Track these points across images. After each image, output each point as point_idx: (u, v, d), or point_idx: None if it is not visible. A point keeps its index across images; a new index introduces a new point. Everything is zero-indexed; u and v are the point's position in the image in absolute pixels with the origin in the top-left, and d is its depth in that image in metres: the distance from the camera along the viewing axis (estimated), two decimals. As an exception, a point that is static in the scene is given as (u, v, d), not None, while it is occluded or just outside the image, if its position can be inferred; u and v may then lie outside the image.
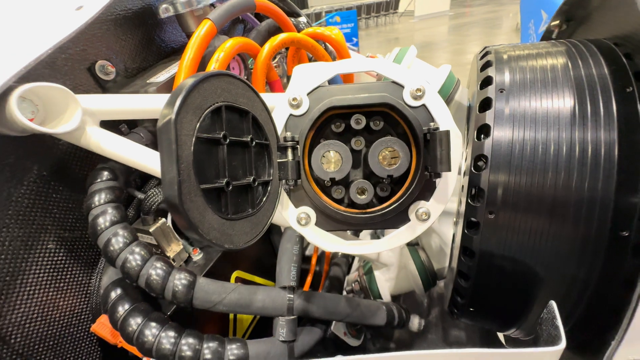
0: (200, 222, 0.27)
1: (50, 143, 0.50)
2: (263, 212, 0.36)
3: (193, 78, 0.27)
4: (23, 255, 0.47)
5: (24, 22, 0.45)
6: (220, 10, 0.59)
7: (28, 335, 0.47)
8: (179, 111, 0.25)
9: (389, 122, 0.42)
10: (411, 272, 0.64)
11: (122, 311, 0.44)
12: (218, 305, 0.46)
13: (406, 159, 0.40)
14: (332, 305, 0.52)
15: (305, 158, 0.41)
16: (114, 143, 0.47)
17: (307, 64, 0.42)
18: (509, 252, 0.44)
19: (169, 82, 0.55)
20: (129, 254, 0.44)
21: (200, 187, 0.27)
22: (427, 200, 0.41)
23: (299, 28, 0.83)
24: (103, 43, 0.54)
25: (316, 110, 0.40)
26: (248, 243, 0.33)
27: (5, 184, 0.44)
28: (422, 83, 0.39)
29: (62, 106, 0.44)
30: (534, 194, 0.41)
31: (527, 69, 0.48)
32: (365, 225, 0.42)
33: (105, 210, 0.45)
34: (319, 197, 0.41)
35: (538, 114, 0.43)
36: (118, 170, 0.50)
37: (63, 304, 0.52)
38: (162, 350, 0.42)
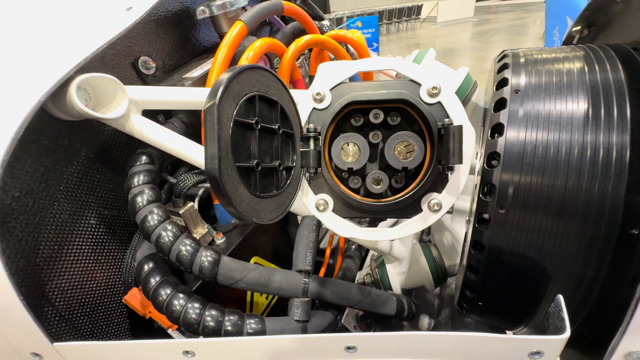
0: (233, 195, 0.31)
1: (97, 129, 0.55)
2: (286, 195, 0.40)
3: (232, 70, 0.31)
4: (69, 228, 0.53)
5: (82, 20, 0.51)
6: (251, 12, 0.64)
7: (69, 300, 0.53)
8: (222, 96, 0.29)
9: (406, 117, 0.45)
10: (422, 267, 0.66)
11: (154, 282, 0.49)
12: (239, 283, 0.50)
13: (421, 152, 0.42)
14: (344, 291, 0.54)
15: (326, 149, 0.44)
16: (153, 130, 0.52)
17: (330, 62, 0.46)
18: (518, 247, 0.45)
19: (202, 78, 0.60)
20: (162, 231, 0.48)
21: (235, 165, 0.31)
22: (439, 192, 0.43)
23: (322, 31, 0.87)
24: (146, 41, 0.59)
25: (337, 104, 0.43)
26: (272, 220, 0.37)
27: (58, 162, 0.50)
28: (438, 81, 0.42)
29: (110, 95, 0.49)
30: (544, 192, 0.43)
31: (543, 72, 0.50)
32: (379, 213, 0.44)
33: (143, 190, 0.50)
34: (337, 185, 0.44)
35: (551, 116, 0.45)
36: (154, 156, 0.55)
37: (99, 275, 0.57)
38: (188, 319, 0.47)
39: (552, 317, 0.41)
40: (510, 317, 0.54)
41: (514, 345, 0.38)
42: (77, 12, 0.54)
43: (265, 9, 0.65)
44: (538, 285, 0.46)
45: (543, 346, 0.37)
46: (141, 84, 0.60)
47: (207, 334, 0.47)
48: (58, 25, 0.51)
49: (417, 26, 19.12)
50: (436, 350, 0.40)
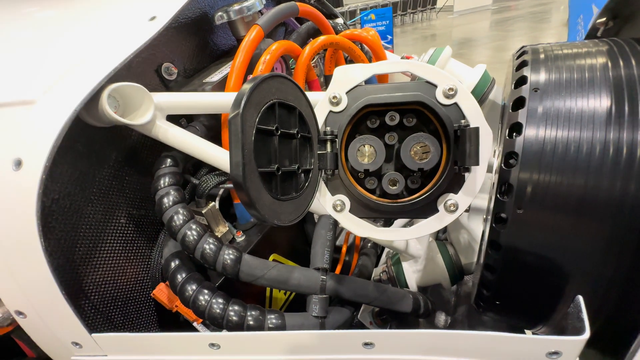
0: (257, 199, 0.32)
1: (125, 134, 0.59)
2: (304, 197, 0.41)
3: (253, 80, 0.33)
4: (102, 227, 0.56)
5: (109, 31, 0.54)
6: (267, 16, 0.65)
7: (103, 294, 0.57)
8: (245, 106, 0.31)
9: (421, 119, 0.45)
10: (438, 266, 0.66)
11: (181, 278, 0.52)
12: (260, 280, 0.52)
13: (437, 153, 0.43)
14: (361, 288, 0.56)
15: (342, 151, 0.45)
16: (177, 135, 0.54)
17: (347, 65, 0.47)
18: (536, 247, 0.45)
19: (222, 82, 0.62)
20: (187, 230, 0.51)
21: (257, 170, 0.33)
22: (456, 193, 0.43)
23: (336, 30, 0.87)
24: (168, 47, 0.62)
25: (354, 107, 0.44)
26: (292, 221, 0.38)
27: (92, 166, 0.54)
28: (454, 83, 0.42)
29: (137, 102, 0.52)
30: (564, 191, 0.43)
31: (564, 68, 0.49)
32: (395, 214, 0.45)
33: (169, 192, 0.53)
34: (353, 186, 0.46)
35: (572, 114, 0.44)
36: (178, 158, 0.57)
37: (130, 271, 0.61)
38: (213, 314, 0.49)
39: (571, 317, 0.41)
40: (528, 316, 0.54)
41: (532, 345, 0.38)
42: (105, 24, 0.56)
43: (281, 12, 0.66)
44: (556, 285, 0.46)
45: (562, 347, 0.37)
46: (164, 89, 0.63)
47: (231, 328, 0.49)
48: (87, 37, 0.54)
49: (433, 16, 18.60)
50: (454, 349, 0.41)
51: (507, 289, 0.51)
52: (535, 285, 0.48)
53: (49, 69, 0.48)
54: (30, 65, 0.50)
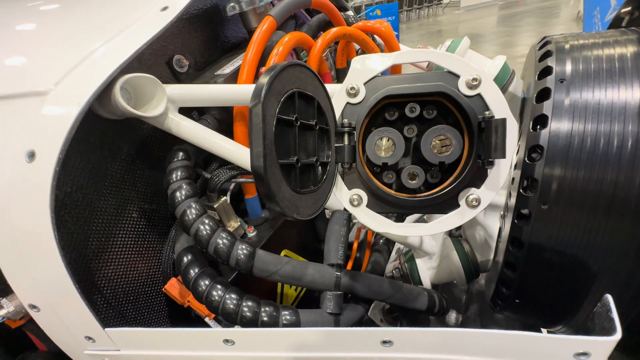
0: (277, 191, 0.31)
1: (137, 126, 0.58)
2: (322, 190, 0.40)
3: (274, 68, 0.32)
4: (114, 221, 0.56)
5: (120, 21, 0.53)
6: (280, 7, 0.63)
7: (115, 288, 0.56)
8: (266, 95, 0.30)
9: (442, 111, 0.44)
10: (454, 263, 0.65)
11: (193, 273, 0.51)
12: (274, 275, 0.51)
13: (459, 146, 0.41)
14: (376, 285, 0.55)
15: (360, 143, 0.44)
16: (189, 128, 0.53)
17: (364, 55, 0.45)
18: (561, 245, 0.44)
19: (234, 74, 0.61)
20: (200, 224, 0.50)
21: (278, 162, 0.32)
22: (478, 188, 0.42)
23: (348, 22, 0.85)
24: (179, 39, 0.61)
25: (373, 98, 0.43)
26: (311, 215, 0.37)
27: (104, 159, 0.53)
28: (478, 72, 0.40)
29: (149, 94, 0.51)
30: (592, 187, 0.41)
31: (592, 58, 0.47)
32: (414, 209, 0.44)
33: (181, 186, 0.52)
34: (371, 180, 0.44)
35: (602, 106, 0.42)
36: (190, 152, 0.57)
37: (141, 265, 0.61)
38: (226, 310, 0.49)
39: (598, 317, 0.40)
40: (548, 315, 0.52)
41: (559, 345, 0.37)
42: (116, 14, 0.56)
43: (293, 3, 0.64)
44: (581, 284, 0.45)
45: (591, 347, 0.36)
46: (175, 82, 0.62)
47: (245, 324, 0.48)
48: (99, 28, 0.53)
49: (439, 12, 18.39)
50: (477, 347, 0.40)
51: (528, 287, 0.49)
52: (558, 283, 0.47)
53: (61, 60, 0.47)
54: (42, 56, 0.49)
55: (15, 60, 0.49)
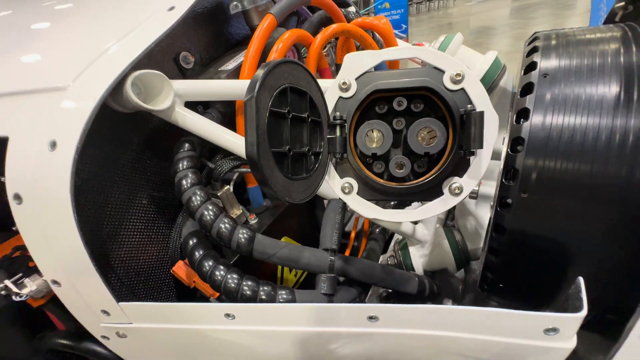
0: (270, 176, 0.35)
1: (146, 119, 0.62)
2: (314, 178, 0.44)
3: (267, 65, 0.35)
4: (126, 207, 0.60)
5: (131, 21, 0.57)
6: (280, 5, 0.66)
7: (128, 269, 0.61)
8: (259, 89, 0.33)
9: (429, 104, 0.46)
10: (445, 251, 0.68)
11: (198, 255, 0.56)
12: (272, 258, 0.55)
13: (443, 138, 0.44)
14: (368, 269, 0.58)
15: (351, 135, 0.47)
16: (194, 120, 0.57)
17: (357, 52, 0.48)
18: (540, 231, 0.46)
19: (236, 70, 0.64)
20: (204, 210, 0.54)
21: (270, 150, 0.35)
22: (461, 177, 0.45)
23: (348, 18, 0.88)
24: (185, 37, 0.65)
25: (363, 92, 0.46)
26: (302, 200, 0.41)
27: (116, 149, 0.57)
28: (462, 68, 0.43)
29: (158, 89, 0.55)
30: (569, 176, 0.43)
31: (575, 54, 0.49)
32: (401, 196, 0.47)
33: (187, 174, 0.56)
34: (361, 169, 0.47)
35: (580, 100, 0.44)
36: (196, 143, 0.61)
37: (150, 249, 0.65)
38: (228, 288, 0.53)
39: (571, 297, 0.42)
40: (531, 299, 0.55)
41: (530, 321, 0.40)
42: (127, 13, 0.59)
43: (294, 1, 0.67)
44: (560, 269, 0.47)
45: (559, 323, 0.39)
46: (181, 77, 0.66)
47: (245, 301, 0.53)
48: (111, 27, 0.57)
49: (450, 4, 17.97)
50: (455, 324, 0.43)
51: (510, 271, 0.52)
52: (539, 268, 0.50)
53: (77, 58, 0.51)
54: (59, 54, 0.54)
55: (36, 58, 0.54)
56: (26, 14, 0.68)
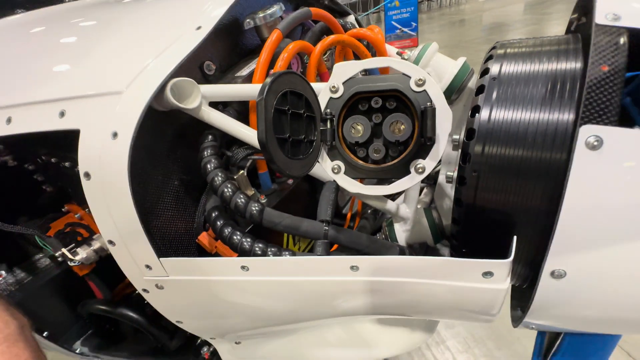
0: (275, 156, 0.49)
1: (178, 116, 0.76)
2: (309, 159, 0.57)
3: (272, 75, 0.49)
4: (162, 186, 0.75)
5: (169, 39, 0.72)
6: (285, 21, 0.80)
7: (163, 237, 0.76)
8: (267, 93, 0.47)
9: (399, 102, 0.59)
10: (424, 227, 0.80)
11: (220, 224, 0.70)
12: (278, 226, 0.69)
13: (409, 129, 0.57)
14: (356, 237, 0.71)
15: (339, 127, 0.61)
16: (216, 117, 0.72)
17: (344, 62, 0.61)
18: (487, 203, 0.59)
19: (249, 76, 0.79)
20: (225, 188, 0.69)
21: (275, 136, 0.49)
22: (424, 159, 0.58)
23: (346, 28, 1.01)
24: (208, 49, 0.79)
25: (347, 93, 0.59)
26: (299, 175, 0.55)
27: (155, 139, 0.72)
28: (424, 75, 0.56)
29: (189, 92, 0.69)
30: (508, 159, 0.55)
31: (520, 62, 0.61)
32: (378, 174, 0.60)
33: (211, 160, 0.71)
34: (347, 154, 0.61)
35: (518, 98, 0.56)
36: (217, 135, 0.75)
37: (180, 222, 0.80)
38: (244, 248, 0.67)
39: None
40: None
41: (471, 267, 0.52)
42: (164, 32, 0.74)
43: (297, 17, 0.81)
44: (503, 233, 0.59)
45: (492, 267, 0.51)
46: (205, 82, 0.80)
47: (256, 259, 0.67)
48: (153, 43, 0.72)
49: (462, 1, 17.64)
50: (415, 271, 0.56)
51: (469, 238, 0.65)
52: (489, 234, 0.62)
53: (129, 70, 0.66)
54: (115, 67, 0.69)
55: (99, 69, 0.69)
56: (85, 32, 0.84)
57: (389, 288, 0.60)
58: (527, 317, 0.58)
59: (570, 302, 0.52)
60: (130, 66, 0.67)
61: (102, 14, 1.03)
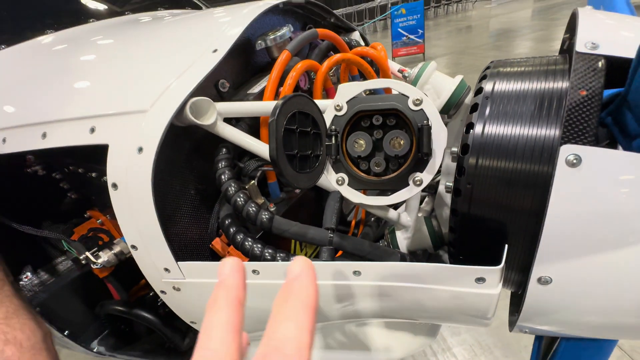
0: (284, 170, 0.54)
1: (194, 130, 0.83)
2: (315, 172, 0.63)
3: (283, 99, 0.55)
4: (180, 195, 0.82)
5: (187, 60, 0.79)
6: (294, 42, 0.87)
7: (181, 241, 0.82)
8: (278, 115, 0.53)
9: (398, 120, 0.64)
10: (424, 234, 0.84)
11: (233, 230, 0.76)
12: (286, 233, 0.74)
13: (407, 144, 0.62)
14: (359, 244, 0.76)
15: (343, 142, 0.66)
16: (230, 131, 0.78)
17: (348, 83, 0.67)
18: (481, 213, 0.63)
19: (261, 93, 0.85)
20: (237, 197, 0.74)
21: (284, 153, 0.55)
22: (421, 172, 0.62)
23: (350, 45, 1.07)
24: (223, 67, 0.86)
25: (350, 112, 0.64)
26: (306, 187, 0.60)
27: (174, 152, 0.79)
28: (420, 95, 0.61)
29: (205, 109, 0.76)
30: (499, 172, 0.60)
31: (511, 81, 0.65)
32: (378, 186, 0.65)
33: (225, 171, 0.77)
34: (350, 167, 0.66)
35: (508, 116, 0.61)
36: (230, 148, 0.81)
37: (196, 228, 0.86)
38: (254, 254, 0.73)
39: None
40: None
41: (464, 273, 0.56)
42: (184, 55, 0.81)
43: (304, 38, 0.87)
44: (496, 240, 0.63)
45: (484, 274, 0.55)
46: (219, 98, 0.87)
47: (266, 264, 0.72)
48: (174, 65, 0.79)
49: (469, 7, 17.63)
50: (414, 276, 0.60)
51: (465, 245, 0.69)
52: (483, 241, 0.66)
53: (152, 89, 0.73)
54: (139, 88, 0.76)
55: (125, 90, 0.76)
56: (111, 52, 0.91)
57: (389, 292, 0.64)
58: (519, 320, 0.62)
59: (558, 306, 0.56)
60: (154, 86, 0.74)
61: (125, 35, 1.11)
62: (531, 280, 0.54)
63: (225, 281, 0.32)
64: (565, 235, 0.51)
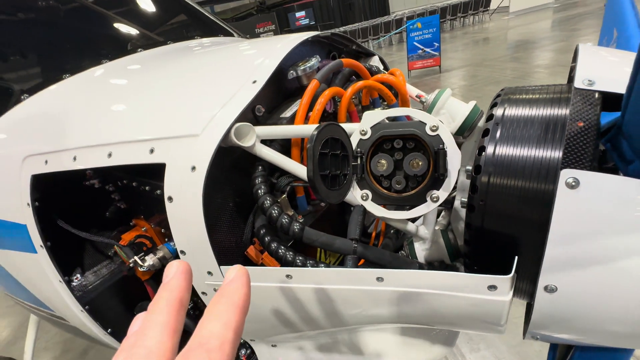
0: (319, 189, 0.64)
1: (234, 150, 0.95)
2: (344, 189, 0.72)
3: (318, 127, 0.65)
4: (221, 207, 0.92)
5: (230, 90, 0.91)
6: (321, 72, 0.98)
7: (221, 248, 0.92)
8: (315, 142, 0.63)
9: (417, 143, 0.73)
10: (441, 246, 0.91)
11: (268, 239, 0.86)
12: (315, 242, 0.83)
13: (425, 165, 0.71)
14: (380, 254, 0.84)
15: (368, 163, 0.75)
16: (267, 152, 0.89)
17: (372, 110, 0.76)
18: (493, 228, 0.70)
19: (292, 117, 0.96)
20: (272, 210, 0.84)
21: (319, 173, 0.64)
22: (438, 190, 0.70)
23: (371, 71, 1.17)
24: (259, 94, 0.97)
25: (374, 136, 0.74)
26: (337, 201, 0.69)
27: (217, 170, 0.90)
28: (437, 122, 0.70)
29: (245, 132, 0.87)
30: (509, 190, 0.67)
31: (520, 107, 0.73)
32: (399, 201, 0.74)
33: (261, 187, 0.87)
34: (374, 185, 0.75)
35: (516, 139, 0.68)
36: (265, 166, 0.92)
37: (233, 236, 0.97)
38: (287, 260, 0.82)
39: None
40: None
41: (477, 280, 0.63)
42: (227, 86, 0.94)
43: (331, 68, 0.98)
44: (507, 253, 0.70)
45: (496, 282, 0.62)
46: (256, 122, 0.99)
47: (297, 270, 0.81)
48: (217, 97, 0.92)
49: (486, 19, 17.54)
50: (431, 284, 0.67)
51: (479, 257, 0.75)
52: (496, 253, 0.72)
53: (202, 117, 0.85)
54: (192, 115, 0.89)
55: (179, 117, 0.89)
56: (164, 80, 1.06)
57: (410, 297, 0.71)
58: (530, 327, 0.67)
59: (564, 314, 0.61)
60: (203, 114, 0.86)
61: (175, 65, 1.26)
62: (539, 288, 0.61)
63: (169, 283, 0.33)
64: (567, 248, 0.57)
